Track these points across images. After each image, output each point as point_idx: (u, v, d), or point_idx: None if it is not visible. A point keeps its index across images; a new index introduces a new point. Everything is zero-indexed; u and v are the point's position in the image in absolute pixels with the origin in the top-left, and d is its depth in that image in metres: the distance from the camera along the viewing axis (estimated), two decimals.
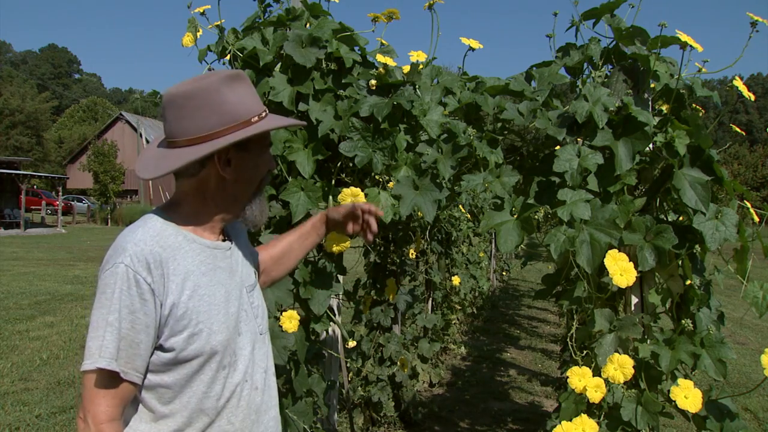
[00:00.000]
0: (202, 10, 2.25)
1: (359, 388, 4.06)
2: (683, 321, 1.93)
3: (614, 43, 2.14)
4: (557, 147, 2.08)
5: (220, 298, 1.40)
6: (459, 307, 6.94)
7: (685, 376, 1.96)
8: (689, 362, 1.90)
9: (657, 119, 2.05)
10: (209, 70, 2.31)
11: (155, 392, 1.35)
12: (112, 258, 1.30)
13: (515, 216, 2.03)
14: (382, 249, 3.61)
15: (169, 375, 1.34)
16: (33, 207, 33.21)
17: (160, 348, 1.33)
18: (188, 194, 1.43)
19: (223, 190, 1.42)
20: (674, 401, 1.82)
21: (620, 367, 1.84)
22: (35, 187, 40.06)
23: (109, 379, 1.26)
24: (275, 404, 1.58)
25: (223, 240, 1.49)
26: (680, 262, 2.02)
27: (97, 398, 1.26)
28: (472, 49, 2.31)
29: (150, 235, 1.33)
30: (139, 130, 39.99)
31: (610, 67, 2.15)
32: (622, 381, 1.84)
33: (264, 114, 1.42)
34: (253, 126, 1.38)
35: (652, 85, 2.11)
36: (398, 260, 3.74)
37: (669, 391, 1.85)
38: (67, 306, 9.14)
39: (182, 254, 1.35)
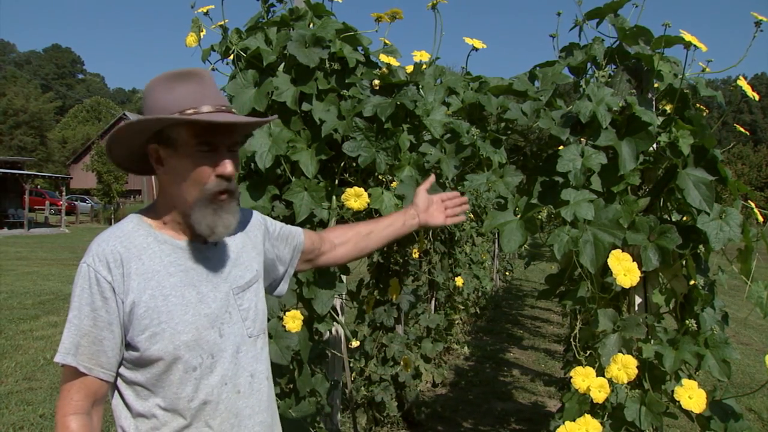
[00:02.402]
0: (205, 10, 2.25)
1: (362, 388, 4.06)
2: (687, 321, 1.93)
3: (618, 42, 2.13)
4: (560, 147, 2.08)
5: (190, 298, 1.38)
6: (462, 307, 6.93)
7: (689, 377, 1.96)
8: (693, 362, 1.90)
9: (661, 119, 2.05)
10: (213, 70, 2.32)
11: (133, 389, 1.37)
12: (82, 259, 1.35)
13: (518, 216, 2.03)
14: (385, 249, 3.61)
15: (140, 373, 1.35)
16: (36, 207, 33.27)
17: (128, 346, 1.35)
18: (159, 194, 1.45)
19: (171, 190, 1.39)
20: (678, 401, 1.82)
21: (624, 367, 1.84)
22: (39, 187, 40.14)
23: (72, 373, 1.31)
24: (264, 409, 1.53)
25: (204, 242, 1.44)
26: (684, 262, 2.01)
27: (63, 392, 1.32)
28: (475, 48, 2.30)
29: (116, 235, 1.37)
30: None
31: (613, 66, 2.15)
32: (625, 381, 1.84)
33: (193, 111, 1.31)
34: (165, 117, 1.30)
35: (655, 85, 2.11)
36: (401, 260, 3.74)
37: (673, 391, 1.85)
38: None
39: (149, 255, 1.36)
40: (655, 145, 2.05)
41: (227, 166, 1.34)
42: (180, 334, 1.35)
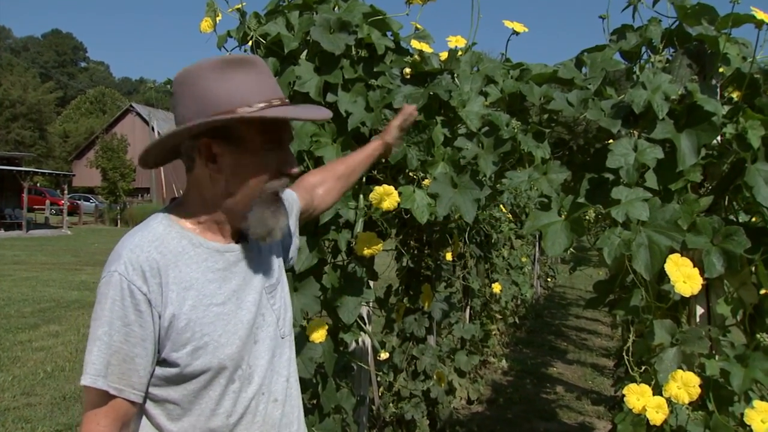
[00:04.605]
0: None
1: (391, 404, 4.07)
2: (758, 335, 1.90)
3: (677, 23, 2.11)
4: (611, 140, 2.07)
5: (231, 306, 1.40)
6: (500, 317, 6.91)
7: (762, 398, 1.93)
8: (766, 382, 1.87)
9: (726, 108, 2.02)
10: None
11: (163, 408, 1.36)
12: (108, 266, 1.33)
13: (564, 216, 2.02)
14: (416, 252, 3.62)
15: (175, 390, 1.35)
16: (36, 206, 33.93)
17: (163, 362, 1.34)
18: (190, 192, 1.44)
19: (216, 189, 1.40)
20: (749, 426, 1.79)
21: (685, 385, 1.81)
22: (38, 185, 41.01)
23: (101, 396, 1.28)
24: (298, 416, 1.58)
25: (237, 241, 1.46)
26: (754, 269, 1.98)
27: (90, 416, 1.28)
28: (516, 33, 2.30)
29: (148, 240, 1.35)
30: (151, 123, 40.64)
31: (672, 50, 2.13)
32: (687, 401, 1.82)
33: (265, 105, 1.33)
34: (231, 115, 1.31)
35: (721, 70, 2.07)
36: (434, 265, 3.74)
37: (742, 414, 1.82)
38: (73, 314, 9.34)
39: (185, 260, 1.36)
40: (719, 138, 2.03)
41: (295, 165, 1.43)
42: (224, 347, 1.36)
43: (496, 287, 6.19)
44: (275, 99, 1.36)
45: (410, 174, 2.33)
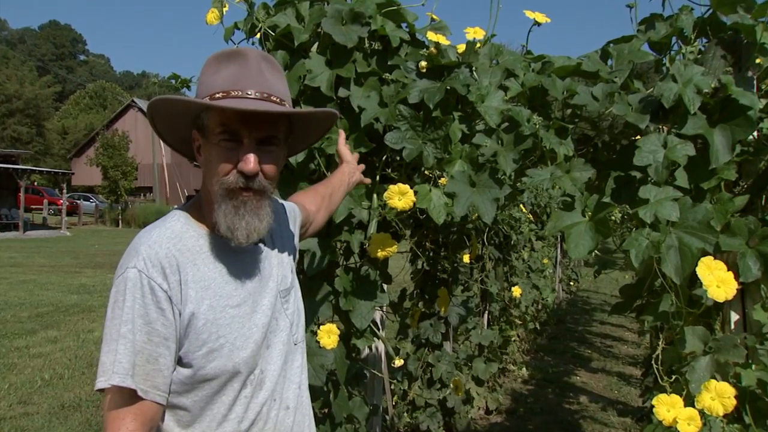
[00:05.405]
0: None
1: (405, 414, 4.08)
2: None
3: (710, 11, 2.10)
4: (638, 137, 2.06)
5: (246, 309, 1.42)
6: (519, 322, 6.90)
7: None
8: None
9: (764, 102, 2.01)
10: None
11: (174, 414, 1.37)
12: (125, 262, 1.33)
13: (588, 217, 2.02)
14: (431, 254, 3.62)
15: (187, 396, 1.36)
16: (33, 206, 34.13)
17: (178, 361, 1.35)
18: (201, 189, 1.48)
19: (205, 183, 1.44)
20: None
21: (719, 396, 1.80)
22: (36, 183, 41.27)
23: (128, 397, 1.27)
24: (309, 424, 1.61)
25: (255, 243, 1.46)
26: None
27: (115, 421, 1.26)
28: (537, 23, 2.29)
29: (167, 237, 1.36)
30: None
31: (704, 40, 2.12)
32: (721, 413, 1.80)
33: (222, 95, 1.34)
34: (198, 101, 1.36)
35: (757, 61, 2.06)
36: (450, 267, 3.74)
37: None
38: (72, 319, 9.39)
39: (203, 259, 1.38)
40: (755, 133, 2.01)
41: (249, 162, 1.35)
42: (239, 350, 1.38)
43: (516, 291, 6.18)
44: (245, 91, 1.35)
45: (426, 172, 2.33)
